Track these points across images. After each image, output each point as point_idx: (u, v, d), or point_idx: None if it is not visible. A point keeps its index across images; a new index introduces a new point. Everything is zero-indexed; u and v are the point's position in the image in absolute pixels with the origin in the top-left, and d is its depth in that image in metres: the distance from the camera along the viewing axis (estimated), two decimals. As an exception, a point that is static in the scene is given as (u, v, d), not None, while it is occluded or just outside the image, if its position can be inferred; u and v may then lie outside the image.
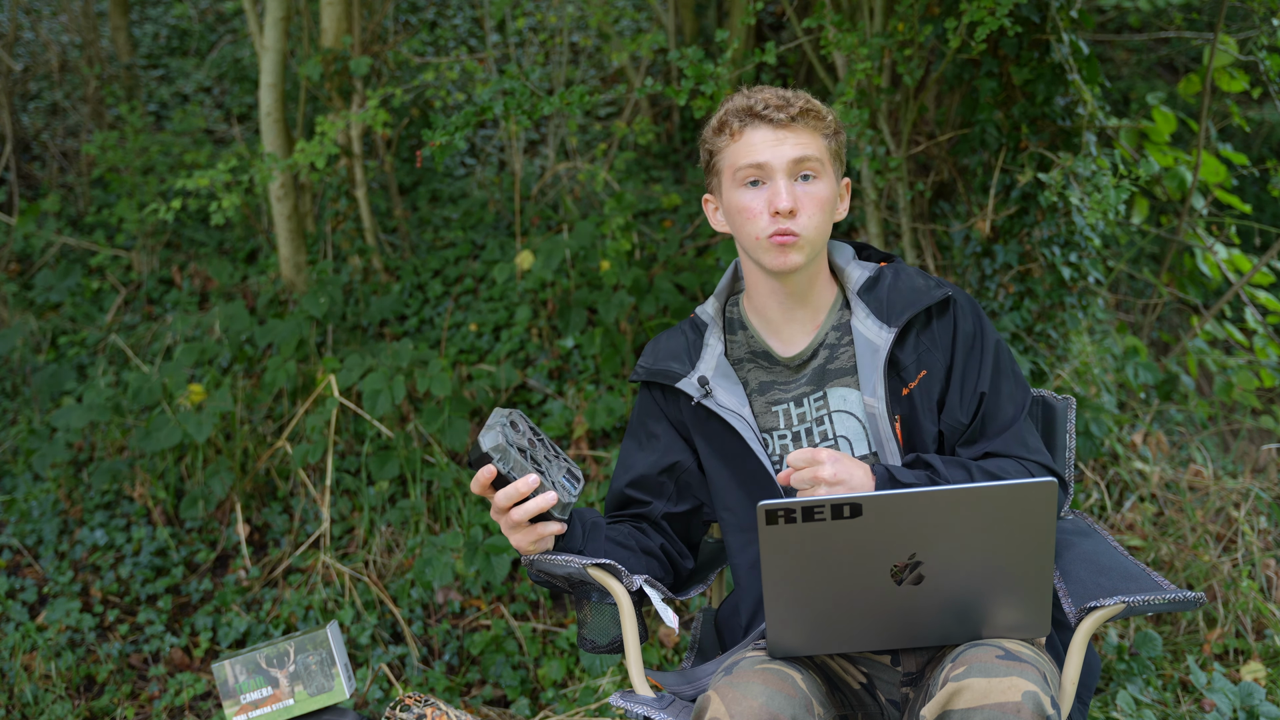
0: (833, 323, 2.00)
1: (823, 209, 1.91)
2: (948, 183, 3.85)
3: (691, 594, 2.03)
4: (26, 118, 5.86)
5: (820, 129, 1.93)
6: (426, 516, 3.52)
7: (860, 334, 1.95)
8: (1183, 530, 3.31)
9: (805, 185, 1.90)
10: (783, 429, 1.98)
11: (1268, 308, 4.00)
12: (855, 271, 2.01)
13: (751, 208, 1.91)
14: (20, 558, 3.65)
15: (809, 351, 1.99)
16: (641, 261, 4.21)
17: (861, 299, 1.97)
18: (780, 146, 1.89)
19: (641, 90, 2.87)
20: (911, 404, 1.92)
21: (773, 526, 1.62)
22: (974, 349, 1.95)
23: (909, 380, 1.93)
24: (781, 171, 1.89)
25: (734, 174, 1.93)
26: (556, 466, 1.82)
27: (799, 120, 1.91)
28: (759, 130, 1.91)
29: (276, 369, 3.79)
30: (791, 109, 1.91)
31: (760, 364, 2.03)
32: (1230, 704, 2.72)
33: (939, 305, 1.96)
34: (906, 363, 1.93)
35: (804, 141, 1.90)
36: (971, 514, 1.63)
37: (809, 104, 1.93)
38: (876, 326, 1.94)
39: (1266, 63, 3.37)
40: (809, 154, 1.90)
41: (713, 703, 1.69)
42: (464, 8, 6.68)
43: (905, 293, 1.95)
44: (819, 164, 1.91)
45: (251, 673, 2.13)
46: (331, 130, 3.78)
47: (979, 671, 1.63)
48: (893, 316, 1.93)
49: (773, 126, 1.90)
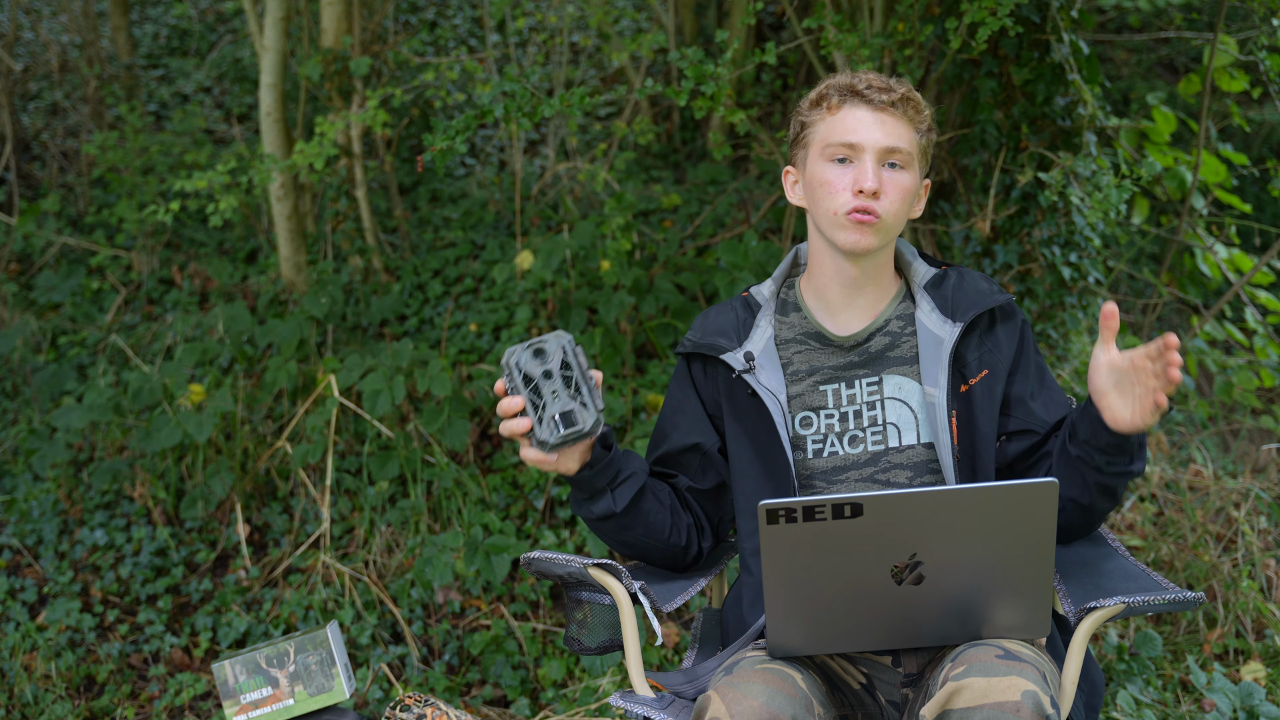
0: (895, 312, 2.00)
1: (905, 198, 1.93)
2: (948, 183, 3.85)
3: (678, 601, 2.02)
4: (26, 118, 5.86)
5: (916, 121, 1.94)
6: (426, 516, 3.52)
7: (925, 326, 1.96)
8: (1183, 530, 3.31)
9: (891, 172, 1.92)
10: (830, 408, 1.98)
11: (1268, 308, 4.00)
12: (922, 268, 2.03)
13: (836, 183, 1.92)
14: (20, 558, 3.65)
15: (865, 334, 1.99)
16: (641, 261, 4.20)
17: (928, 293, 1.99)
18: (877, 129, 1.91)
19: (642, 91, 2.87)
20: (969, 401, 1.93)
21: (773, 525, 1.62)
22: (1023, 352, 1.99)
23: (970, 377, 1.94)
24: (872, 154, 1.90)
25: (824, 148, 1.94)
26: (561, 402, 1.82)
27: (898, 107, 1.92)
28: (858, 109, 1.92)
29: (277, 369, 3.79)
30: (894, 94, 1.92)
31: (811, 345, 2.02)
32: (1230, 704, 2.72)
33: (1002, 310, 1.98)
34: (969, 359, 1.94)
35: (899, 131, 1.92)
36: (972, 514, 1.63)
37: (910, 93, 1.94)
38: (940, 320, 1.95)
39: (1266, 63, 3.37)
40: (900, 145, 1.91)
41: (713, 703, 1.69)
42: (464, 8, 6.68)
43: (970, 293, 1.97)
44: (908, 156, 1.93)
45: (251, 673, 2.13)
46: (331, 130, 3.78)
47: (978, 671, 1.62)
48: (958, 313, 1.95)
49: (872, 108, 1.91)
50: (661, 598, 1.97)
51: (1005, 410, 1.97)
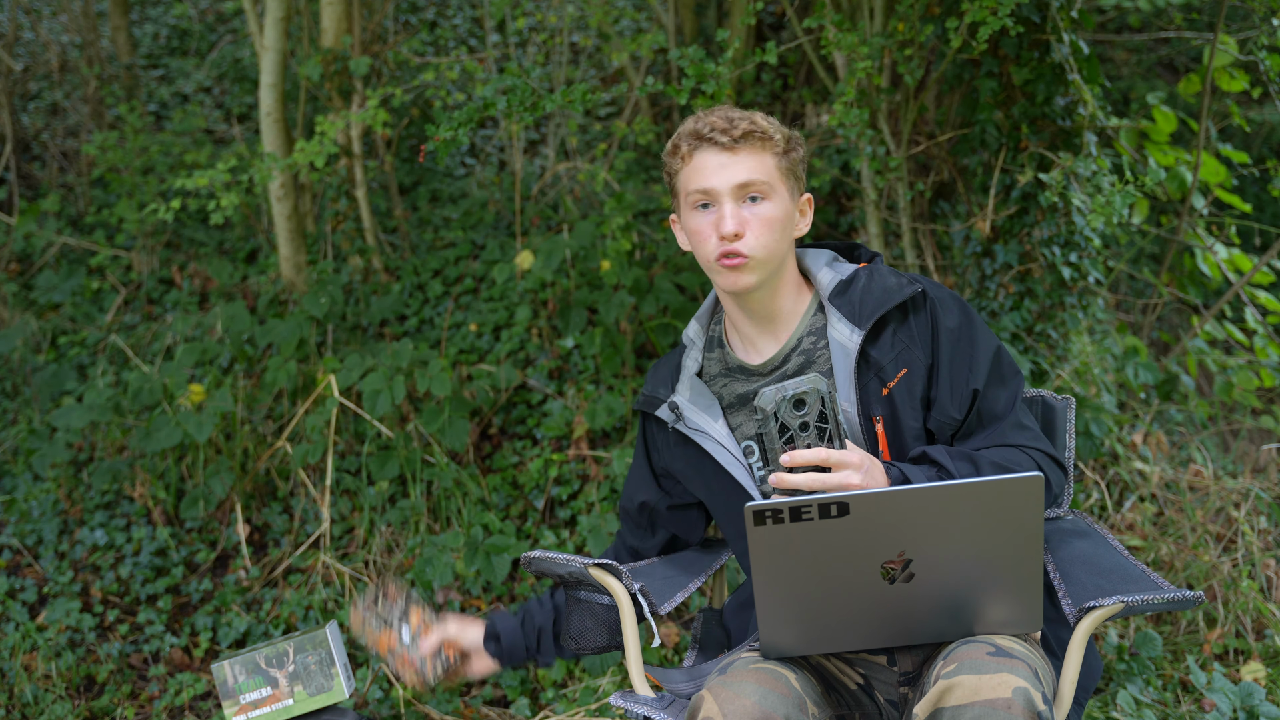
0: (806, 329, 2.00)
1: (771, 229, 1.91)
2: (948, 183, 3.85)
3: (676, 600, 2.03)
4: (26, 118, 5.86)
5: (768, 148, 1.93)
6: (426, 516, 3.52)
7: (833, 339, 1.95)
8: (1183, 530, 3.31)
9: (753, 207, 1.91)
10: None
11: (1268, 308, 4.00)
12: (827, 277, 2.01)
13: (703, 230, 1.93)
14: (20, 558, 3.65)
15: (779, 358, 2.00)
16: (641, 261, 4.21)
17: (834, 304, 1.97)
18: (725, 170, 1.91)
19: (642, 90, 2.87)
20: (893, 403, 1.92)
21: (761, 528, 1.62)
22: (960, 343, 1.93)
23: (889, 379, 1.92)
24: (727, 195, 1.90)
25: (686, 197, 1.96)
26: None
27: (743, 142, 1.91)
28: (707, 154, 1.92)
29: (277, 369, 3.79)
30: (735, 131, 1.91)
31: (735, 377, 2.05)
32: (1230, 704, 2.72)
33: (913, 301, 1.95)
34: (884, 362, 1.92)
35: (750, 165, 1.91)
36: (959, 510, 1.63)
37: (753, 125, 1.92)
38: (848, 330, 1.94)
39: (1266, 63, 3.37)
40: (754, 177, 1.91)
41: (706, 702, 1.69)
42: (464, 8, 6.68)
43: (876, 293, 1.95)
44: (766, 185, 1.92)
45: (251, 673, 2.13)
46: (331, 130, 3.78)
47: (970, 668, 1.63)
48: (862, 318, 1.93)
49: (719, 149, 1.91)
50: (659, 598, 1.99)
51: (926, 407, 1.95)
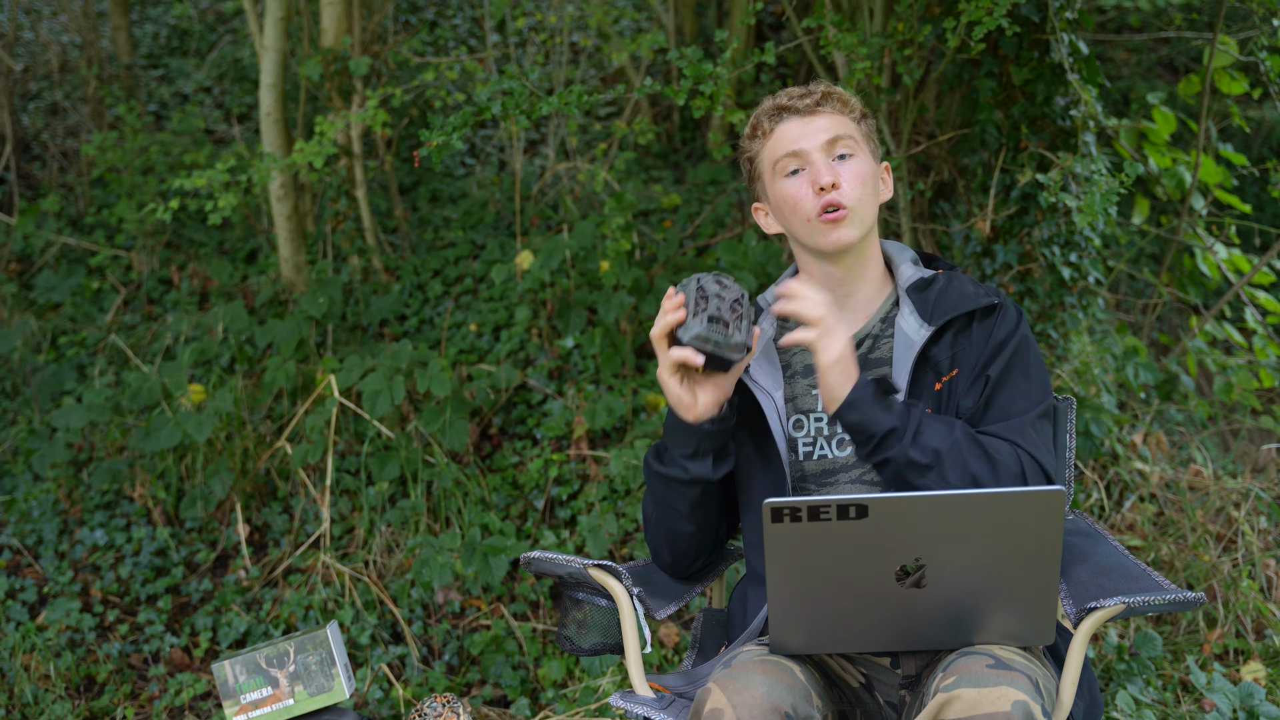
0: (881, 316, 2.03)
1: (865, 183, 1.96)
2: (948, 183, 3.84)
3: (672, 609, 2.04)
4: (26, 118, 5.86)
5: (846, 111, 2.00)
6: (426, 517, 3.52)
7: (901, 329, 1.98)
8: (1183, 530, 3.31)
9: (843, 163, 1.96)
10: (819, 411, 2.02)
11: (1267, 308, 4.00)
12: (909, 271, 2.05)
13: (797, 194, 1.96)
14: (20, 558, 3.65)
15: (854, 342, 2.01)
16: (641, 261, 4.21)
17: (910, 297, 2.00)
18: (812, 131, 1.96)
19: (641, 90, 2.87)
20: (940, 399, 1.95)
21: (778, 525, 1.62)
22: (1001, 347, 1.97)
23: (943, 375, 1.95)
24: (818, 152, 1.95)
25: (774, 168, 1.99)
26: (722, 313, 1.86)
27: (824, 104, 1.98)
28: (789, 122, 1.98)
29: (276, 369, 3.79)
30: (814, 95, 1.99)
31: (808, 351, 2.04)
32: (1230, 704, 2.72)
33: (983, 310, 1.98)
34: (940, 359, 1.96)
35: (834, 123, 1.97)
36: (977, 519, 1.63)
37: (830, 89, 2.00)
38: (917, 324, 1.97)
39: (1266, 63, 3.37)
40: (840, 133, 1.96)
41: (713, 694, 1.69)
42: (464, 8, 6.68)
43: (952, 297, 1.98)
44: (853, 141, 1.98)
45: (251, 673, 2.13)
46: (331, 130, 3.78)
47: (969, 681, 1.62)
48: (934, 317, 1.96)
49: (800, 115, 1.97)
50: (655, 605, 2.01)
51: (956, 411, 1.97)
